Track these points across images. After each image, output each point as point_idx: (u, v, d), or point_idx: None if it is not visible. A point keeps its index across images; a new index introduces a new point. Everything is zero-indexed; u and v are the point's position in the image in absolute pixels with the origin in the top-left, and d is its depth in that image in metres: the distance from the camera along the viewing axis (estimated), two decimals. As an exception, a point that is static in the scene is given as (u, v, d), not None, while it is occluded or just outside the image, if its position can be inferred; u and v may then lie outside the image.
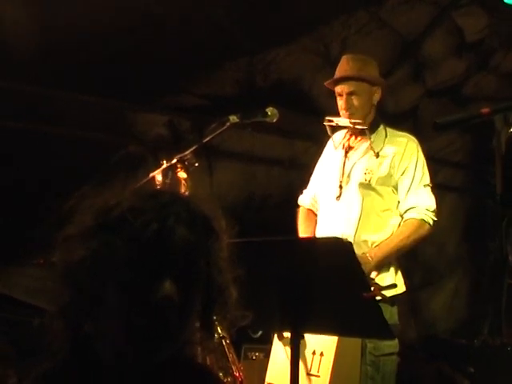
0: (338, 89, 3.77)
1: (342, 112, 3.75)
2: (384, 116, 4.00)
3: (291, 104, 5.37)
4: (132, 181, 1.54)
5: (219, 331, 4.09)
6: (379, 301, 3.39)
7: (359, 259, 3.41)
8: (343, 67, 3.80)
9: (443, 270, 7.36)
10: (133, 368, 1.39)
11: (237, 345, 4.34)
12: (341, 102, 3.76)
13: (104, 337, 1.39)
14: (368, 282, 2.48)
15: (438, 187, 6.86)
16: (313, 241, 2.99)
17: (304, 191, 4.06)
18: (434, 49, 6.18)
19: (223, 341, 4.10)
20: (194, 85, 5.41)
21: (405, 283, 3.75)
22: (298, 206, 4.07)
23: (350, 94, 3.73)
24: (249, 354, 4.74)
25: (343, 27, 5.76)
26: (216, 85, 5.47)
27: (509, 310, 5.55)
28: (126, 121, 5.27)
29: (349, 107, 3.72)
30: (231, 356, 4.15)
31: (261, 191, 5.89)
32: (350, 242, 2.34)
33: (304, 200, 4.05)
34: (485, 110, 2.03)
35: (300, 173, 4.32)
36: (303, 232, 3.93)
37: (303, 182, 4.10)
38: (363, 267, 3.40)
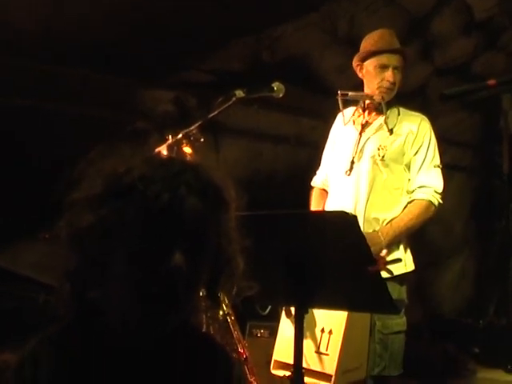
0: (385, 60, 3.68)
1: (383, 83, 3.69)
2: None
3: (298, 81, 5.34)
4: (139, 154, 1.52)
5: (224, 308, 4.11)
6: (387, 279, 3.41)
7: (370, 237, 3.45)
8: (388, 40, 3.74)
9: (450, 249, 7.35)
10: (139, 335, 1.39)
11: (242, 322, 4.34)
12: (385, 74, 3.68)
13: (111, 304, 1.39)
14: (372, 256, 2.46)
15: (445, 167, 6.82)
16: (318, 214, 2.97)
17: (317, 172, 4.04)
18: (443, 27, 6.13)
19: (228, 317, 4.10)
20: (201, 61, 5.38)
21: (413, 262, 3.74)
22: (304, 183, 4.05)
23: (396, 67, 3.69)
24: (254, 331, 4.75)
25: (351, 4, 5.71)
26: (223, 61, 5.43)
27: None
28: (132, 98, 5.25)
29: (395, 81, 3.68)
30: (236, 333, 4.15)
31: (267, 169, 5.87)
32: (355, 216, 2.32)
33: (316, 181, 4.03)
34: (491, 82, 2.02)
35: (306, 150, 4.31)
36: (313, 209, 3.91)
37: (309, 160, 4.08)
38: (375, 246, 3.43)
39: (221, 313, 4.08)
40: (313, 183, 4.04)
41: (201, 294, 1.46)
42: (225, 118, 4.75)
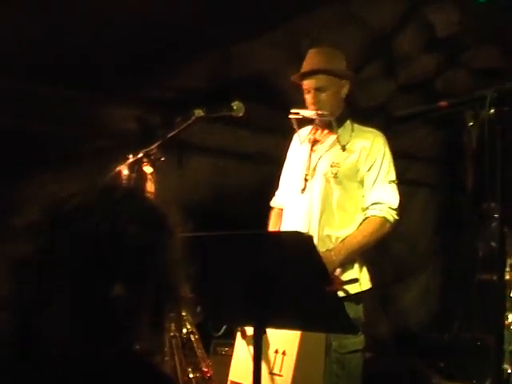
0: (305, 84, 3.72)
1: (310, 107, 3.71)
2: (355, 110, 3.98)
3: (261, 98, 5.36)
4: (97, 174, 1.50)
5: (188, 326, 4.08)
6: (343, 299, 3.41)
7: (323, 257, 3.44)
8: (310, 61, 3.75)
9: (415, 265, 7.38)
10: (77, 364, 1.37)
11: (206, 340, 4.32)
12: (308, 97, 3.71)
13: (50, 331, 1.36)
14: (329, 276, 2.47)
15: (409, 183, 6.93)
16: (274, 235, 2.97)
17: (276, 192, 4.03)
18: (406, 44, 6.19)
19: (191, 336, 4.08)
20: (164, 78, 5.37)
21: (376, 278, 3.74)
22: (269, 200, 4.05)
23: (317, 88, 3.68)
24: (218, 349, 4.71)
25: (314, 21, 5.74)
26: (186, 78, 5.43)
27: (480, 305, 5.56)
28: (94, 115, 5.22)
29: (317, 102, 3.67)
30: (199, 351, 4.13)
31: (231, 186, 5.87)
32: (311, 236, 2.32)
33: (275, 201, 4.02)
34: (443, 104, 2.02)
35: (270, 167, 4.30)
36: (271, 229, 3.90)
37: (274, 177, 4.08)
38: (328, 265, 3.42)
39: (184, 331, 4.06)
40: (272, 203, 4.03)
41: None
42: (189, 135, 4.74)
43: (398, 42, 6.15)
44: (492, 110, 1.91)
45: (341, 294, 3.42)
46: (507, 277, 5.57)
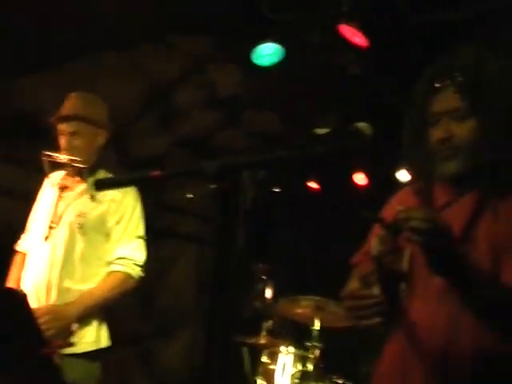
0: (61, 127, 3.60)
1: (62, 152, 3.57)
2: (130, 161, 3.88)
3: (29, 134, 5.16)
4: None
5: None
6: (73, 355, 3.26)
7: (60, 310, 3.29)
8: (68, 105, 3.64)
9: (180, 319, 7.32)
10: None
11: None
12: (62, 142, 3.58)
13: None
14: (43, 338, 2.30)
15: (180, 237, 6.90)
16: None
17: (22, 236, 3.81)
18: (186, 99, 6.21)
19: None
20: None
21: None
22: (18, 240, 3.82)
23: (71, 133, 3.57)
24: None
25: (94, 64, 5.62)
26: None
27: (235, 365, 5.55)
28: None
29: (69, 148, 3.56)
30: None
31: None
32: (25, 294, 2.16)
33: (21, 245, 3.80)
34: (155, 173, 1.93)
35: (22, 202, 4.06)
36: (12, 277, 3.66)
37: (25, 213, 3.84)
38: (64, 320, 3.27)
39: None
40: (17, 247, 3.81)
41: None
42: None
43: (178, 96, 6.16)
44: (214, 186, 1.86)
45: (71, 349, 3.25)
46: (263, 341, 5.67)
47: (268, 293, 7.12)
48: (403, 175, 5.93)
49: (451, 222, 2.13)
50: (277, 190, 7.09)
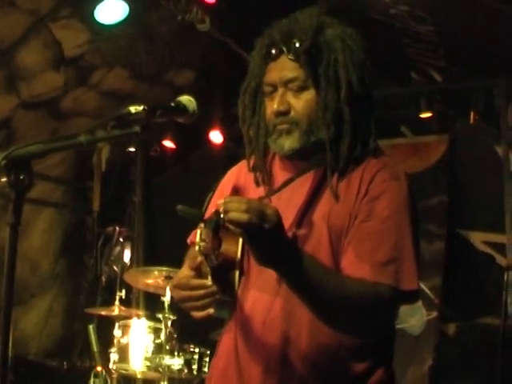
0: None
1: None
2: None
3: None
4: None
5: None
6: None
7: None
8: None
9: (36, 287, 7.08)
10: None
11: None
12: None
13: None
14: None
15: (33, 202, 6.62)
16: None
17: None
18: (30, 60, 5.89)
19: None
20: None
21: None
22: None
23: None
24: None
25: None
26: None
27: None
28: None
29: None
30: None
31: None
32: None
33: None
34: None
35: None
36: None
37: None
38: None
39: None
40: None
41: None
42: None
43: (20, 56, 5.82)
44: (4, 179, 1.65)
45: None
46: (115, 312, 5.56)
47: (126, 256, 7.02)
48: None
49: (288, 204, 2.03)
50: (132, 150, 6.94)
